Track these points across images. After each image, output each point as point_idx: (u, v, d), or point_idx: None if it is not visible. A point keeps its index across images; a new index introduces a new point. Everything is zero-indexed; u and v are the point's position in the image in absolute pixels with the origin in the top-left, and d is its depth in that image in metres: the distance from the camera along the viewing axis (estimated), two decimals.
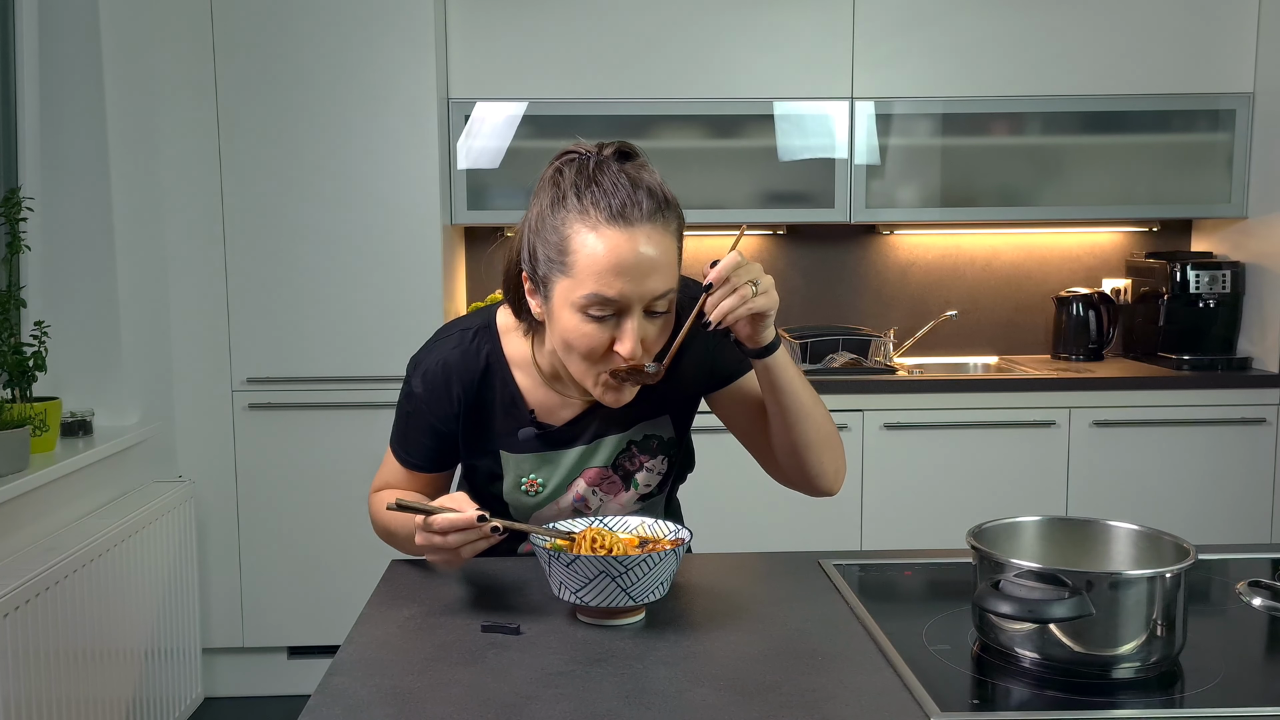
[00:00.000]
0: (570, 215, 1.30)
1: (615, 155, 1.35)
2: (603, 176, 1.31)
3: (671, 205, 1.33)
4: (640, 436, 1.53)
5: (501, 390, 1.49)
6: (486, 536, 1.29)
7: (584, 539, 1.34)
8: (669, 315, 1.35)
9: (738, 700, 1.09)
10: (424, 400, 1.49)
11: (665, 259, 1.30)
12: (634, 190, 1.30)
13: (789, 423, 1.42)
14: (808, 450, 1.45)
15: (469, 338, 1.50)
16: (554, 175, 1.35)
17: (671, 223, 1.33)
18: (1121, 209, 3.43)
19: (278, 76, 3.04)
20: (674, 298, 1.34)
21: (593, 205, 1.29)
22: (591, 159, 1.34)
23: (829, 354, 3.39)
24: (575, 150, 1.37)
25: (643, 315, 1.32)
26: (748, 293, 1.28)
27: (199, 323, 3.11)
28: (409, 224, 3.11)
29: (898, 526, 3.18)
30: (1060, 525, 1.36)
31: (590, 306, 1.30)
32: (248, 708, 3.18)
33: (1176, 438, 3.22)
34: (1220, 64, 3.36)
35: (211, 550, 3.16)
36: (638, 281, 1.29)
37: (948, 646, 1.24)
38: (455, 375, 1.48)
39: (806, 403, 1.43)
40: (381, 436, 1.56)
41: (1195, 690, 1.14)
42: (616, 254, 1.28)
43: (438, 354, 1.50)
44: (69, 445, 2.64)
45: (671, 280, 1.32)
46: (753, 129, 3.33)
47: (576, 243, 1.29)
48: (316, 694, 1.12)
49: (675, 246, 1.33)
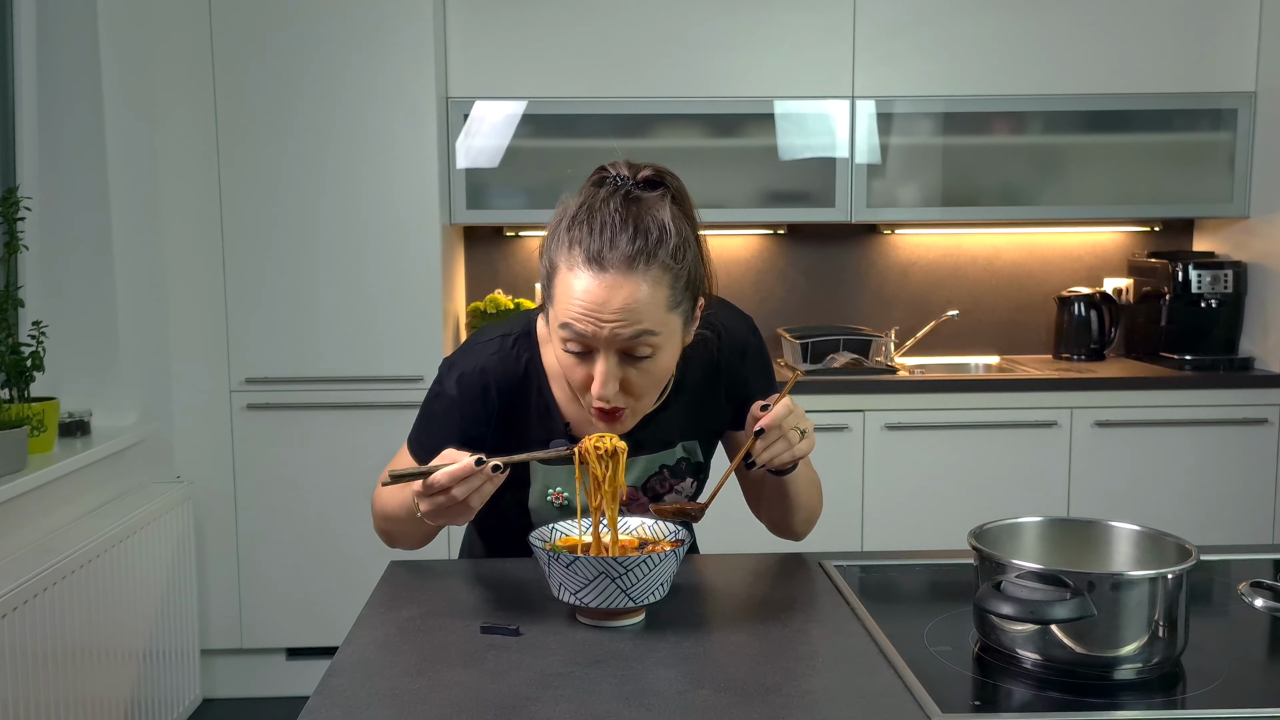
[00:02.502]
0: (560, 246, 1.32)
1: (641, 183, 1.34)
2: (598, 213, 1.30)
3: (662, 250, 1.29)
4: (674, 460, 1.54)
5: (537, 400, 1.49)
6: (489, 478, 1.27)
7: (589, 450, 1.32)
8: (659, 359, 1.33)
9: (738, 701, 1.09)
10: (457, 403, 1.47)
11: (640, 305, 1.28)
12: (619, 233, 1.28)
13: (784, 509, 1.52)
14: (791, 524, 1.56)
15: (509, 344, 1.49)
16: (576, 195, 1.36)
17: (659, 270, 1.29)
18: (1123, 208, 3.43)
19: (276, 76, 3.04)
20: (660, 342, 1.32)
21: (577, 242, 1.30)
22: (605, 187, 1.34)
23: (829, 354, 3.39)
24: (606, 171, 1.37)
25: (621, 356, 1.31)
26: (794, 439, 1.35)
27: (197, 323, 3.10)
28: (408, 223, 3.11)
29: (899, 527, 3.18)
30: (1062, 526, 1.35)
31: (567, 341, 1.32)
32: (246, 709, 3.18)
33: (1178, 438, 3.22)
34: (1222, 63, 3.35)
35: (210, 551, 3.16)
36: (605, 323, 1.28)
37: (949, 647, 1.24)
38: (493, 381, 1.47)
39: (803, 498, 1.52)
40: (381, 436, 1.56)
41: (1197, 691, 1.14)
42: (586, 296, 1.28)
43: (476, 358, 1.48)
44: (67, 445, 2.63)
45: (650, 323, 1.29)
46: (753, 128, 3.32)
47: (559, 277, 1.32)
48: (315, 695, 1.12)
49: (663, 294, 1.30)
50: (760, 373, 1.55)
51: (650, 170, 1.36)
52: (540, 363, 1.49)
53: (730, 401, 1.53)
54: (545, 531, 1.39)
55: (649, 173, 1.36)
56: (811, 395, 3.14)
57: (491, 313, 3.40)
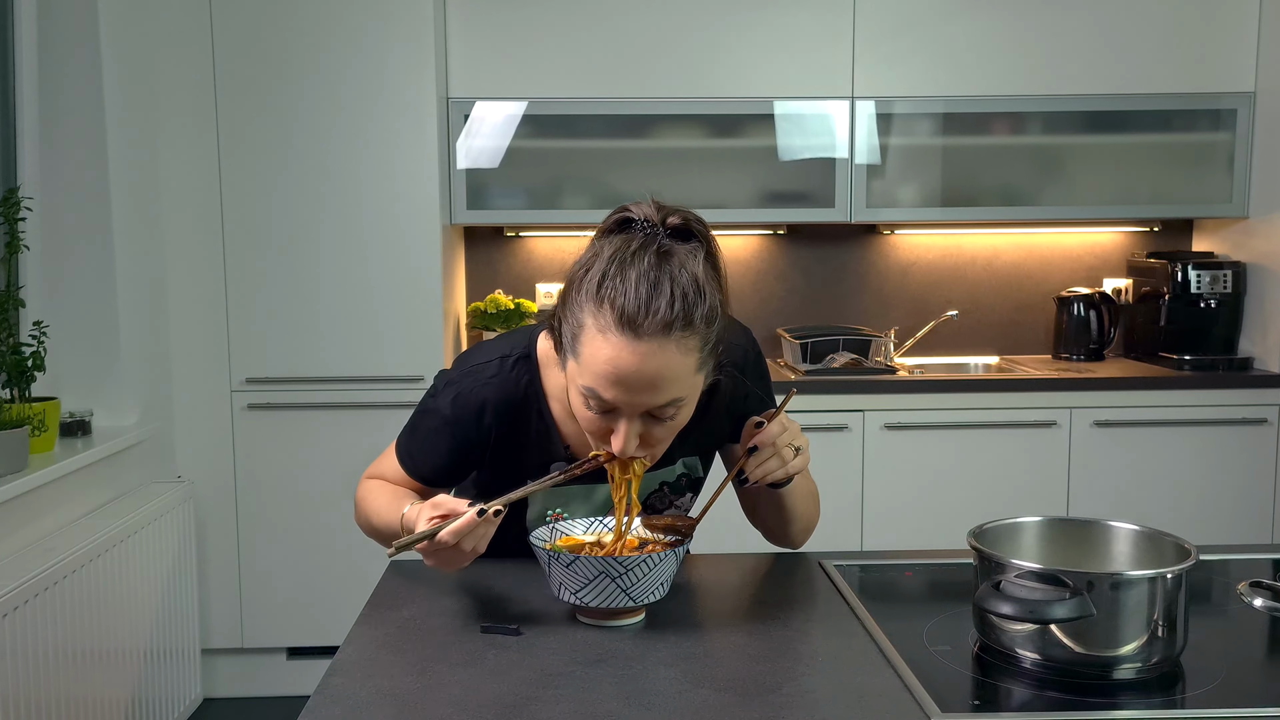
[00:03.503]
0: (589, 304, 1.25)
1: (671, 233, 1.27)
2: (631, 269, 1.23)
3: (697, 314, 1.24)
4: (674, 477, 1.53)
5: (537, 422, 1.47)
6: (492, 523, 1.27)
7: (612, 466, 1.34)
8: (681, 415, 1.31)
9: (738, 701, 1.09)
10: (450, 422, 1.46)
11: (673, 374, 1.24)
12: (654, 296, 1.21)
13: (780, 520, 1.52)
14: (787, 534, 1.56)
15: (509, 366, 1.46)
16: (599, 240, 1.30)
17: (692, 336, 1.24)
18: (1123, 209, 3.43)
19: (277, 76, 3.04)
20: (685, 401, 1.29)
21: (609, 303, 1.22)
22: (635, 236, 1.27)
23: (829, 354, 3.39)
24: (633, 213, 1.29)
25: (646, 416, 1.28)
26: (788, 456, 1.35)
27: (198, 322, 3.10)
28: (408, 224, 3.11)
29: (898, 527, 3.18)
30: (1061, 526, 1.35)
31: (589, 399, 1.28)
32: (247, 709, 3.18)
33: (1178, 438, 3.22)
34: (1221, 63, 3.36)
35: (210, 551, 3.16)
36: (635, 393, 1.24)
37: (948, 647, 1.24)
38: (490, 407, 1.44)
39: (800, 509, 1.51)
40: (382, 436, 1.55)
41: (1196, 691, 1.14)
42: (616, 364, 1.23)
43: (475, 382, 1.45)
44: (68, 445, 2.63)
45: (679, 391, 1.26)
46: (753, 128, 3.33)
47: (586, 336, 1.25)
48: (316, 695, 1.12)
49: (693, 359, 1.26)
50: (759, 386, 1.54)
51: (679, 218, 1.29)
52: (540, 385, 1.46)
53: (729, 415, 1.51)
54: (546, 531, 1.39)
55: (678, 221, 1.29)
56: (811, 395, 3.14)
57: (491, 313, 3.40)
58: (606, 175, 3.32)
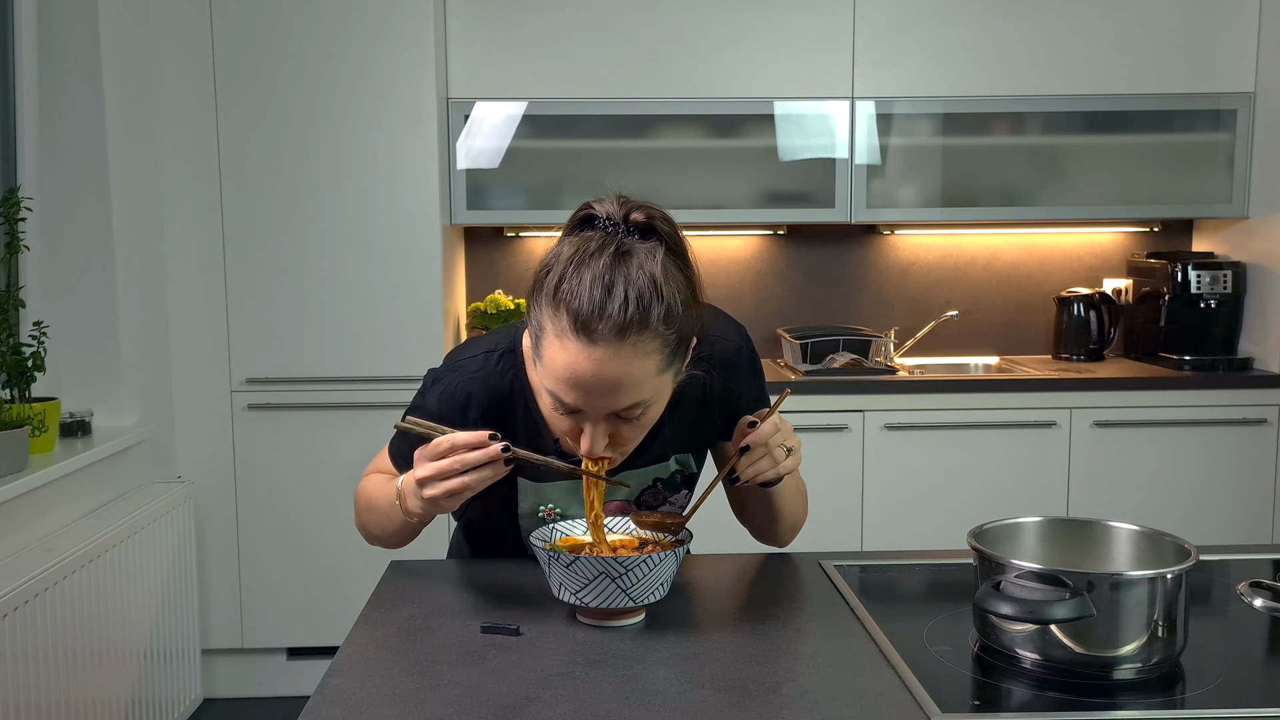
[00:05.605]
0: (548, 307, 1.24)
1: (632, 228, 1.26)
2: (586, 270, 1.21)
3: (653, 315, 1.21)
4: (667, 473, 1.53)
5: (524, 416, 1.45)
6: (495, 458, 1.25)
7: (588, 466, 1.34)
8: (648, 414, 1.30)
9: (738, 701, 1.09)
10: (438, 418, 1.43)
11: (631, 378, 1.23)
12: (608, 300, 1.20)
13: (768, 518, 1.53)
14: (775, 532, 1.57)
15: (494, 361, 1.45)
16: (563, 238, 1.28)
17: (651, 338, 1.22)
18: (1122, 209, 3.43)
19: (277, 76, 3.04)
20: (650, 403, 1.28)
21: (565, 306, 1.21)
22: (595, 234, 1.25)
23: (829, 354, 3.39)
24: (594, 210, 1.28)
25: (610, 416, 1.28)
26: (779, 456, 1.35)
27: (198, 323, 3.10)
28: (408, 224, 3.11)
29: (898, 527, 3.18)
30: (1061, 526, 1.35)
31: (554, 402, 1.28)
32: (247, 709, 3.18)
33: (1177, 438, 3.22)
34: (1221, 64, 3.36)
35: (210, 551, 3.16)
36: (595, 397, 1.24)
37: (948, 647, 1.24)
38: (475, 401, 1.43)
39: (788, 508, 1.52)
40: (382, 437, 1.55)
41: (1196, 691, 1.14)
42: (573, 369, 1.22)
43: (459, 377, 1.45)
44: (68, 446, 2.63)
45: (642, 394, 1.25)
46: (753, 129, 3.33)
47: (546, 340, 1.25)
48: (316, 695, 1.12)
49: (652, 361, 1.24)
50: (752, 383, 1.53)
51: (641, 214, 1.26)
52: (526, 380, 1.45)
53: (722, 413, 1.51)
54: (546, 531, 1.39)
55: (640, 216, 1.26)
56: (811, 395, 3.14)
57: (492, 313, 3.40)
58: (606, 176, 3.32)
